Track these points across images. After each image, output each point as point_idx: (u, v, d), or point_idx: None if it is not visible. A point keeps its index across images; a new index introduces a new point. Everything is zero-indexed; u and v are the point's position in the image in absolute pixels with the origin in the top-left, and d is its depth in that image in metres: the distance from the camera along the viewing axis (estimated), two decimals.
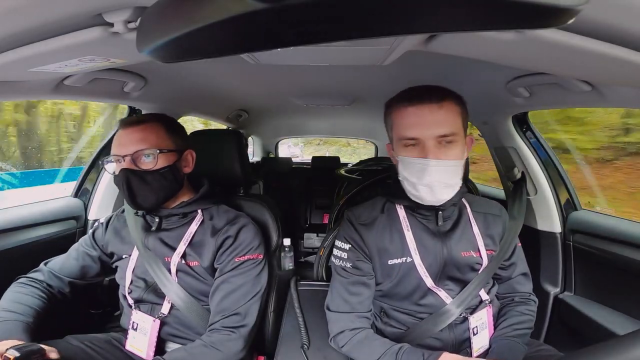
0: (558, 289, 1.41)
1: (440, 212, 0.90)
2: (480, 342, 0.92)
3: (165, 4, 0.34)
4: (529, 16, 0.27)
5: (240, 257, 0.96)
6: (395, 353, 0.81)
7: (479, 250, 0.92)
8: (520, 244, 1.00)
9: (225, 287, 0.94)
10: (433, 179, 0.79)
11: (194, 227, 0.99)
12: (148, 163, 0.91)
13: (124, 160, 0.90)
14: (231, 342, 0.89)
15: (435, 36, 0.66)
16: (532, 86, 1.08)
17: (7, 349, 0.74)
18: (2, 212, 1.22)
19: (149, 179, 0.91)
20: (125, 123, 0.94)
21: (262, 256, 1.00)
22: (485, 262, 0.91)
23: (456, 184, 0.82)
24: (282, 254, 1.21)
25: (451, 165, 0.80)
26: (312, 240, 2.58)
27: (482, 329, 0.92)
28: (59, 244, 1.23)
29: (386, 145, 0.93)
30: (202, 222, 1.00)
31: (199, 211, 1.01)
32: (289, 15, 0.26)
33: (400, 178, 0.86)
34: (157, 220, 0.99)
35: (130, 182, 0.90)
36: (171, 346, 0.99)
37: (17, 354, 0.74)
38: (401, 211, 0.93)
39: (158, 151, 0.92)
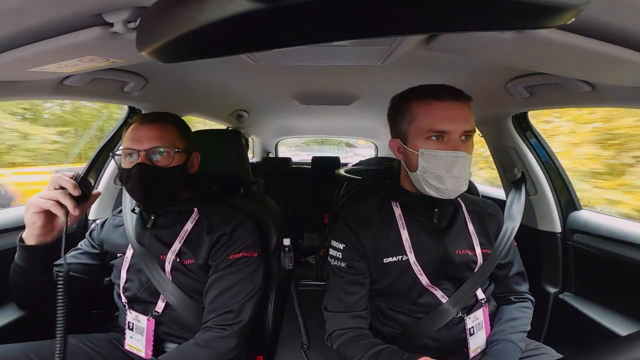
0: (558, 289, 1.41)
1: (436, 210, 0.90)
2: (477, 343, 0.92)
3: (165, 4, 0.34)
4: (529, 16, 0.27)
5: (234, 254, 0.95)
6: (378, 353, 0.81)
7: (474, 249, 0.92)
8: (515, 244, 1.00)
9: (219, 285, 0.93)
10: (462, 171, 0.81)
11: (189, 224, 0.99)
12: (162, 160, 0.92)
13: (139, 155, 0.90)
14: (224, 339, 0.89)
15: (435, 36, 0.66)
16: (532, 86, 1.08)
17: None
18: (2, 212, 1.22)
19: (163, 175, 0.91)
20: (142, 119, 0.94)
21: (257, 254, 1.00)
22: (480, 261, 0.92)
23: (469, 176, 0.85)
24: (282, 254, 1.21)
25: (471, 158, 0.84)
26: (312, 240, 2.57)
27: (478, 329, 0.92)
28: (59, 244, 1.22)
29: (390, 141, 0.91)
30: (198, 220, 1.00)
31: (195, 209, 1.01)
32: (288, 15, 0.26)
33: (418, 173, 0.84)
34: (152, 217, 0.99)
35: (145, 176, 0.90)
36: (170, 346, 0.98)
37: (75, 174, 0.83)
38: (397, 210, 0.93)
39: (175, 150, 0.93)
